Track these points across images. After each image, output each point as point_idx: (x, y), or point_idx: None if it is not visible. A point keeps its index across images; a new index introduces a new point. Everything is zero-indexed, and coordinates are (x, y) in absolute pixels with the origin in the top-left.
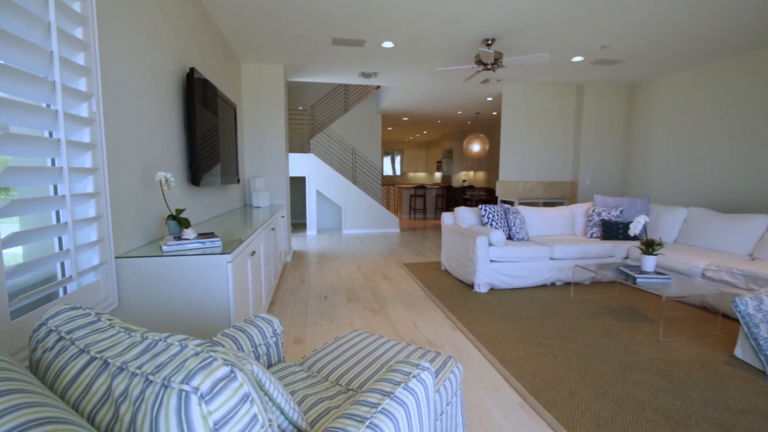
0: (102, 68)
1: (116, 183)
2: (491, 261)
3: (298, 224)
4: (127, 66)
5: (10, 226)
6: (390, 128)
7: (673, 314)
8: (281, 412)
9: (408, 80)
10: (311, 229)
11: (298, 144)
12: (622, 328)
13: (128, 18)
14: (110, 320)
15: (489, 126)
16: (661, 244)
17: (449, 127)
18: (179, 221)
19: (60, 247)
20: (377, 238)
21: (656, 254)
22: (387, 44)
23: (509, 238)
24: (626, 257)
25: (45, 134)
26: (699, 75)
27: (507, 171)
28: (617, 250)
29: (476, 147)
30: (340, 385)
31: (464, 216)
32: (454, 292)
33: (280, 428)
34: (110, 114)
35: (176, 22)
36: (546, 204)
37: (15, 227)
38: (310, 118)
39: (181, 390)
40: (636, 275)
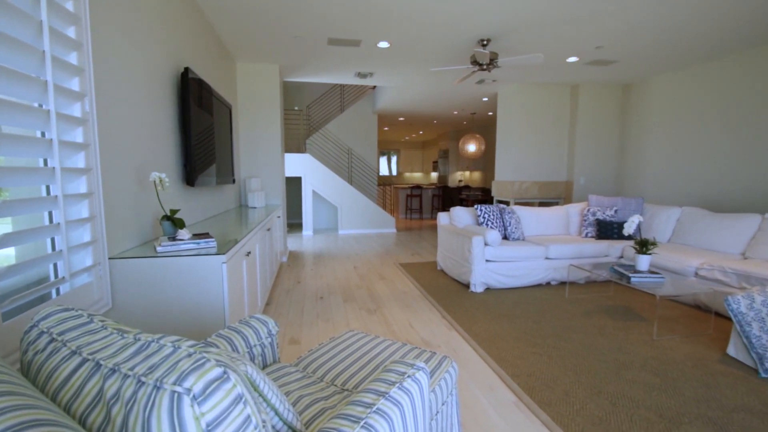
0: (95, 68)
1: (110, 183)
2: (487, 261)
3: (294, 224)
4: (121, 66)
5: (2, 227)
6: (386, 128)
7: (667, 313)
8: (276, 413)
9: (404, 80)
10: (307, 230)
11: (294, 144)
12: (617, 327)
13: (122, 17)
14: (103, 321)
15: (485, 126)
16: (655, 244)
17: (445, 128)
18: (174, 222)
19: (53, 248)
20: (373, 239)
21: (650, 254)
22: (383, 44)
23: (505, 238)
24: (621, 257)
25: (37, 134)
26: (693, 75)
27: (503, 171)
28: (612, 250)
29: (472, 147)
30: (336, 386)
31: (460, 216)
32: (450, 292)
33: (275, 429)
34: (104, 114)
35: (171, 22)
36: (541, 204)
37: (7, 228)
38: (306, 118)
39: (174, 391)
40: (630, 274)
